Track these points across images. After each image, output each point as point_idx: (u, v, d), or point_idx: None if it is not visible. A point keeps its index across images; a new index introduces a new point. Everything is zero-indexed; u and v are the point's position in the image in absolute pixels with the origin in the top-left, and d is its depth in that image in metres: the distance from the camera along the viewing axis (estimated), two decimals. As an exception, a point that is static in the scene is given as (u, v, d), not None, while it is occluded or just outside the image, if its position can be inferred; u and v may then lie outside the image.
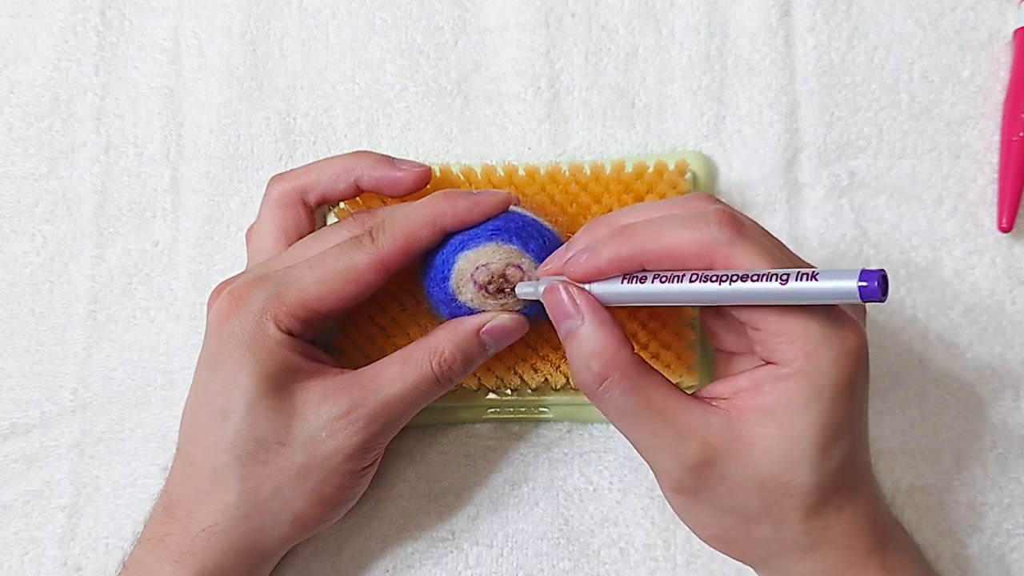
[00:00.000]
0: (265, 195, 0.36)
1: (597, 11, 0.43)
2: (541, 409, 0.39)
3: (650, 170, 0.37)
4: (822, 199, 0.41)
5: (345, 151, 0.42)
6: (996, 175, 0.41)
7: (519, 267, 0.32)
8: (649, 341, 0.36)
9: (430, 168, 0.36)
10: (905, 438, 0.40)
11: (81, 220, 0.43)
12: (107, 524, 0.40)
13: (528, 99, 0.43)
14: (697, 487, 0.29)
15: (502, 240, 0.32)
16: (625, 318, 0.36)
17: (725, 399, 0.29)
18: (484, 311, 0.33)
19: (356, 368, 0.33)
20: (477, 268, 0.32)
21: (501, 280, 0.32)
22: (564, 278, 0.30)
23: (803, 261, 0.30)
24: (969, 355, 0.40)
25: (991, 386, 0.40)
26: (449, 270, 0.33)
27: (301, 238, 0.36)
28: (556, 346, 0.37)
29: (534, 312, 0.34)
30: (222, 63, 0.44)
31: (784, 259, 0.28)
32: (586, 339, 0.29)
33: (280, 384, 0.31)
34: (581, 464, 0.39)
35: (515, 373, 0.37)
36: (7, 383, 0.42)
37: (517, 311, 0.33)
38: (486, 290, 0.32)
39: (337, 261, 0.32)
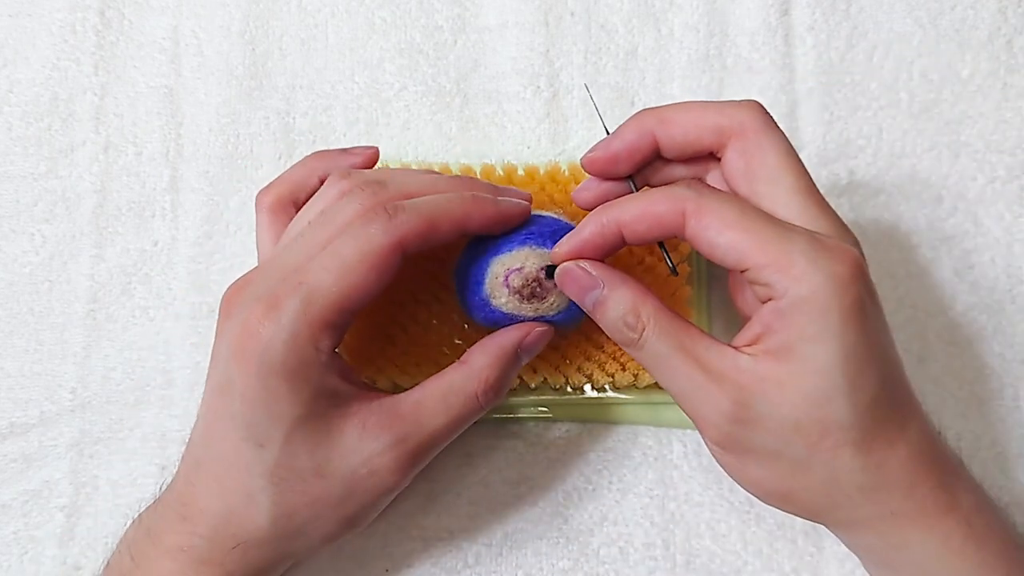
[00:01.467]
0: (257, 210, 0.35)
1: (596, 10, 0.43)
2: (540, 408, 0.39)
3: None
4: None
5: None
6: (997, 173, 0.41)
7: (553, 271, 0.32)
8: None
9: (376, 148, 0.37)
10: None
11: (80, 219, 0.43)
12: (106, 523, 0.40)
13: (527, 98, 0.43)
14: (740, 435, 0.29)
15: (536, 244, 0.32)
16: None
17: (748, 345, 0.29)
18: (519, 316, 0.33)
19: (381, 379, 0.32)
20: (511, 272, 0.32)
21: (535, 284, 0.32)
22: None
23: (781, 226, 0.29)
24: (968, 354, 0.40)
25: (990, 386, 0.40)
26: (483, 274, 0.33)
27: None
28: (555, 346, 0.37)
29: (566, 318, 0.34)
30: (221, 62, 0.44)
31: (761, 221, 0.28)
32: (615, 301, 0.30)
33: (319, 413, 0.30)
34: (580, 463, 0.39)
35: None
36: (6, 382, 0.42)
37: (552, 316, 0.33)
38: (520, 295, 0.32)
39: (353, 249, 0.29)
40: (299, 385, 0.29)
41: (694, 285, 0.38)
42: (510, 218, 0.33)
